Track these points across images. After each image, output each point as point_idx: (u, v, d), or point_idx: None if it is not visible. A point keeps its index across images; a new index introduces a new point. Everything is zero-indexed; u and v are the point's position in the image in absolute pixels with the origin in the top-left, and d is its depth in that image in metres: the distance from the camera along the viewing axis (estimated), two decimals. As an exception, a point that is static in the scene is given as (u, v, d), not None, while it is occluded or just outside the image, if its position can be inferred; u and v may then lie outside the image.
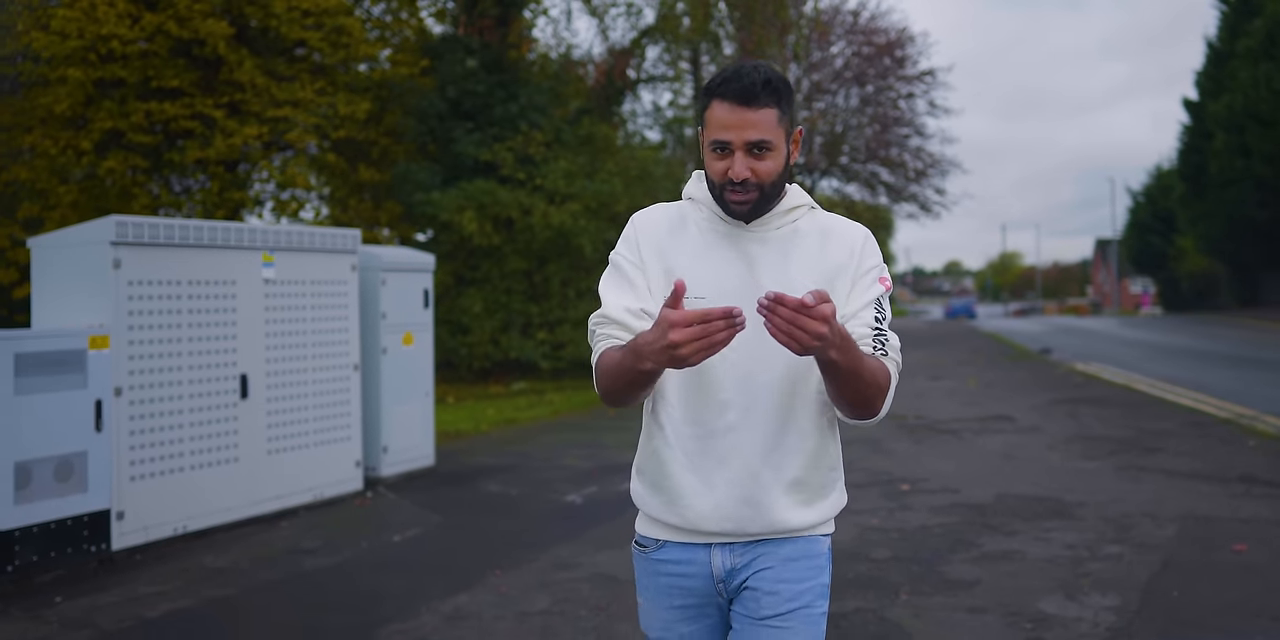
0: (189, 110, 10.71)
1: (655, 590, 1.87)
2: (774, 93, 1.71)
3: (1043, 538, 5.45)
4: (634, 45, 15.35)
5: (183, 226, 5.73)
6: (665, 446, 1.79)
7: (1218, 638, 3.88)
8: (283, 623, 4.34)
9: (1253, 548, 5.14)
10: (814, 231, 1.82)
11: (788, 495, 1.77)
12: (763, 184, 1.74)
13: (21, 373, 4.84)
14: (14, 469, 4.81)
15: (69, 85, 10.22)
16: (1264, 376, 14.12)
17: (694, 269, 1.78)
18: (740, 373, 1.75)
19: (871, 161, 26.90)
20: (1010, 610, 4.27)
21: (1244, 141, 31.89)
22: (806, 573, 1.80)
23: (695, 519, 1.77)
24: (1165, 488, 6.66)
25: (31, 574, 4.90)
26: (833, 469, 1.84)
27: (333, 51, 12.24)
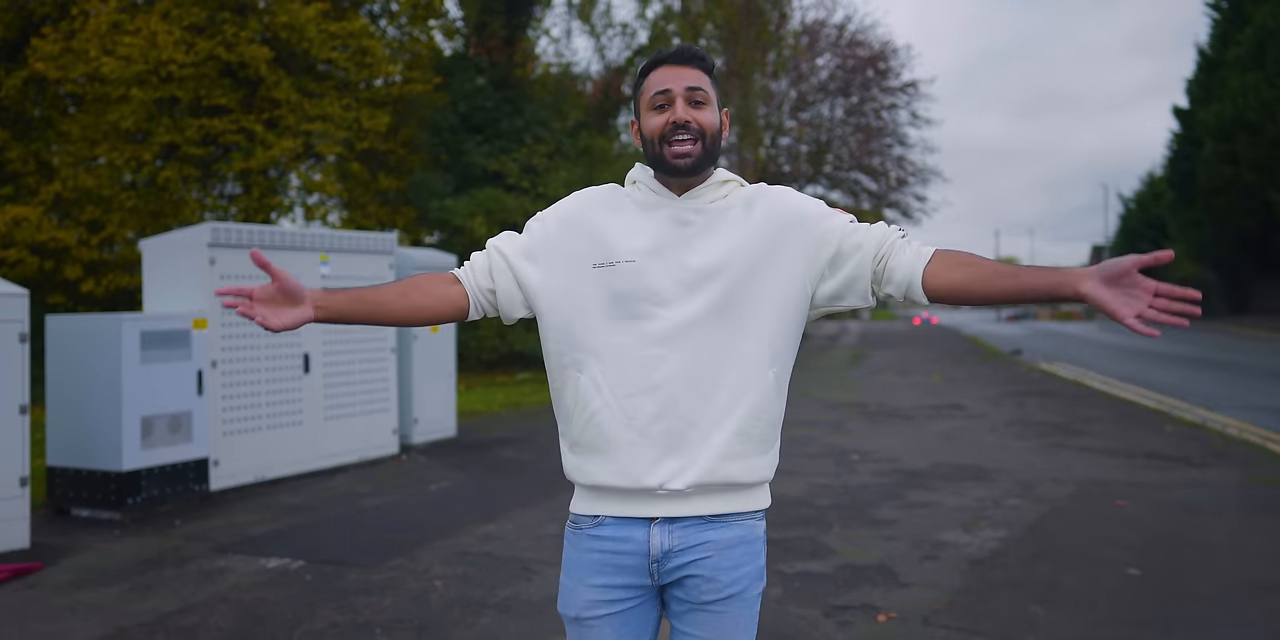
0: (235, 125, 12.02)
1: (585, 567, 1.84)
2: (701, 59, 1.83)
3: (959, 493, 6.77)
4: (628, 63, 16.71)
5: (261, 231, 7.05)
6: (605, 407, 1.78)
7: (1076, 559, 5.20)
8: (353, 540, 5.64)
9: (1133, 503, 6.43)
10: (743, 200, 1.86)
11: (729, 445, 1.76)
12: (704, 133, 1.78)
13: (145, 346, 6.15)
14: (140, 422, 6.11)
15: (133, 103, 11.54)
16: (1214, 376, 15.41)
17: (627, 235, 1.82)
18: (673, 324, 1.77)
19: (855, 170, 28.29)
20: (917, 539, 5.57)
21: (1233, 149, 32.42)
22: (745, 558, 1.82)
23: (638, 474, 1.76)
24: (1076, 460, 7.97)
25: (153, 505, 6.21)
26: (773, 426, 1.84)
27: (357, 70, 13.56)
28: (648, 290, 1.77)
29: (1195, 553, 5.15)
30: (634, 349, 1.77)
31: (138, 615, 4.40)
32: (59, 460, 6.29)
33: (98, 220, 12.50)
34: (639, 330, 1.77)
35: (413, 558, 5.23)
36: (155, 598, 4.65)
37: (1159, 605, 4.31)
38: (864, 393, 13.49)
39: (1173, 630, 3.99)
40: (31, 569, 5.10)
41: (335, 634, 4.10)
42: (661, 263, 1.78)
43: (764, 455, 1.82)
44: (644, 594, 1.83)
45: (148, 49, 11.25)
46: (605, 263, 1.80)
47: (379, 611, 4.37)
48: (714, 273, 1.77)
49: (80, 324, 6.25)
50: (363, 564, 5.10)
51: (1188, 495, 6.52)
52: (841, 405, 11.92)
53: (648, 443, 1.75)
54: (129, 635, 4.14)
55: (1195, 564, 4.94)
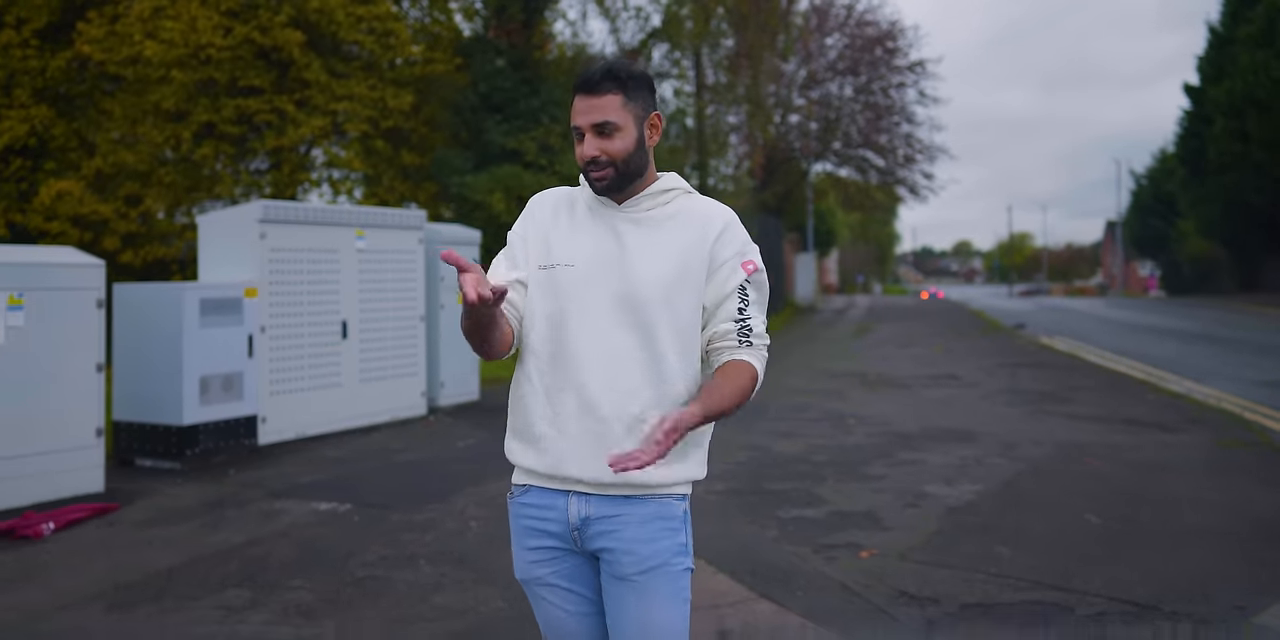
0: (268, 105, 12.50)
1: (519, 532, 1.97)
2: (615, 79, 1.84)
3: (945, 453, 7.27)
4: (642, 45, 17.05)
5: (306, 209, 7.56)
6: (531, 393, 1.91)
7: (1042, 508, 5.70)
8: (393, 488, 6.19)
9: (1104, 462, 6.90)
10: (680, 214, 1.93)
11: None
12: (614, 161, 1.85)
13: (203, 313, 6.69)
14: (199, 381, 6.67)
15: (173, 85, 12.02)
16: (1208, 350, 15.80)
17: (569, 240, 1.92)
18: (599, 334, 1.86)
19: (863, 147, 28.56)
20: (902, 491, 6.09)
21: (1242, 127, 32.28)
22: (661, 533, 1.88)
23: (554, 463, 1.88)
24: (1058, 424, 8.46)
25: (209, 456, 6.78)
26: (689, 443, 1.90)
27: (383, 52, 13.99)
28: (579, 296, 1.87)
29: (1152, 504, 5.65)
30: (561, 350, 1.87)
31: (209, 547, 4.96)
32: (124, 415, 6.85)
33: (135, 194, 13.04)
34: (568, 333, 1.87)
35: (448, 502, 5.78)
36: (223, 533, 5.21)
37: (1110, 546, 4.82)
38: (865, 363, 13.97)
39: (1117, 564, 4.50)
40: (110, 509, 5.67)
41: (386, 564, 4.66)
42: (595, 270, 1.88)
43: (678, 463, 1.88)
44: (575, 554, 1.93)
45: (188, 33, 11.72)
46: (548, 265, 1.92)
47: (422, 546, 4.92)
48: (639, 291, 1.85)
49: (145, 292, 6.79)
50: (404, 507, 5.65)
51: (1156, 456, 7.01)
52: (842, 375, 12.41)
53: (565, 439, 1.87)
54: (205, 563, 4.70)
55: (1150, 513, 5.44)
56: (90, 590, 4.34)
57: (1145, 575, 4.33)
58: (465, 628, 3.84)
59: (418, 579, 4.43)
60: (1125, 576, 4.31)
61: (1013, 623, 3.81)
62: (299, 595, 4.24)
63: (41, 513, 5.43)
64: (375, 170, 15.02)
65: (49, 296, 5.87)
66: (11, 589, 4.37)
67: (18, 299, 5.75)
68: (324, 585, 4.36)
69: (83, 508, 5.57)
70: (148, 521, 5.48)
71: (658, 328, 1.84)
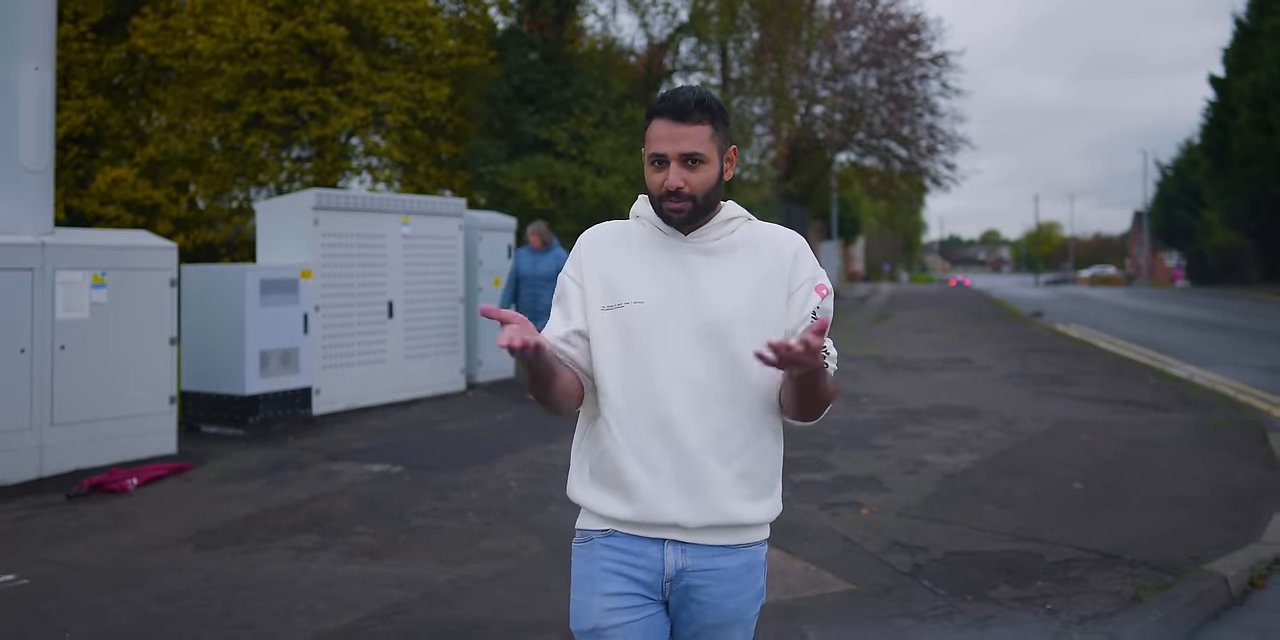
0: (312, 97, 13.06)
1: (598, 577, 1.85)
2: (707, 110, 1.80)
3: (948, 427, 7.71)
4: (670, 39, 17.42)
5: (356, 197, 8.09)
6: (613, 443, 1.82)
7: (1032, 476, 6.13)
8: (438, 453, 6.73)
9: (1097, 437, 7.34)
10: (749, 242, 1.88)
11: (735, 486, 1.81)
12: (695, 195, 1.81)
13: (263, 292, 7.24)
14: (259, 355, 7.23)
15: (224, 77, 12.60)
16: (1218, 337, 16.06)
17: (633, 276, 1.85)
18: (681, 368, 1.80)
19: (887, 138, 28.78)
20: (904, 459, 6.55)
21: (1266, 119, 32.19)
22: (749, 583, 1.86)
23: (645, 509, 1.80)
24: (1060, 404, 8.86)
25: (269, 424, 7.35)
26: (775, 472, 1.88)
27: (421, 45, 14.50)
28: (654, 333, 1.81)
29: (1136, 473, 6.08)
30: (642, 391, 1.81)
31: (278, 500, 5.52)
32: (191, 386, 7.43)
33: (185, 180, 13.65)
34: (647, 372, 1.80)
35: (490, 466, 6.31)
36: (288, 489, 5.77)
37: (1088, 508, 5.26)
38: (883, 347, 14.38)
39: (1092, 523, 4.94)
40: (185, 468, 6.25)
41: (437, 515, 5.19)
42: (668, 305, 1.82)
43: (767, 498, 1.86)
44: (658, 604, 1.86)
45: (238, 28, 12.28)
46: (614, 305, 1.85)
47: (468, 501, 5.45)
48: (719, 321, 1.81)
49: (210, 273, 7.36)
50: (450, 469, 6.19)
51: (1147, 433, 7.42)
52: (860, 358, 12.83)
53: (657, 483, 1.79)
54: (275, 514, 5.26)
55: (1132, 481, 5.87)
56: (178, 535, 4.90)
57: (1115, 532, 4.78)
58: (509, 568, 4.36)
59: (466, 528, 4.96)
60: (1097, 532, 4.76)
61: (988, 566, 4.28)
62: (361, 540, 4.78)
63: (125, 470, 6.01)
64: (412, 159, 15.55)
65: (127, 276, 6.43)
66: (108, 534, 4.94)
67: (101, 278, 6.32)
68: (383, 532, 4.90)
69: (161, 466, 6.15)
70: (220, 479, 6.05)
71: (743, 359, 1.78)
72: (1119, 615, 3.72)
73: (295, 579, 4.22)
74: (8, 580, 4.22)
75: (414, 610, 3.85)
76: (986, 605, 3.84)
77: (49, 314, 6.04)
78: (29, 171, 6.13)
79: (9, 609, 3.90)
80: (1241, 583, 4.19)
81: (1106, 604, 3.83)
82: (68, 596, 4.04)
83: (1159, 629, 3.65)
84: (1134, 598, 3.89)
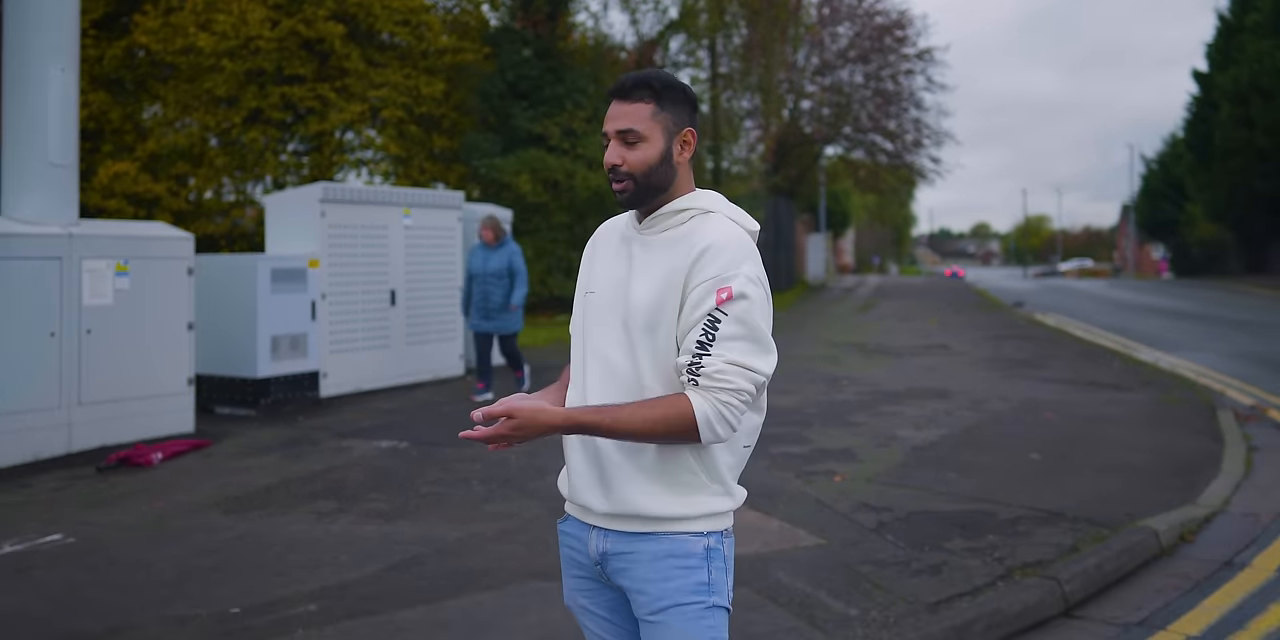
0: (311, 93, 13.44)
1: (564, 559, 1.96)
2: (648, 88, 1.79)
3: (921, 406, 8.17)
4: (660, 36, 17.86)
5: (360, 190, 8.50)
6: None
7: (993, 448, 6.58)
8: (441, 431, 7.15)
9: (1060, 416, 7.80)
10: (684, 236, 1.81)
11: (642, 479, 1.78)
12: (634, 173, 1.78)
13: (274, 281, 7.64)
14: (270, 340, 7.64)
15: (225, 73, 12.98)
16: (1189, 325, 16.58)
17: (597, 266, 1.92)
18: (601, 357, 1.83)
19: (873, 132, 29.27)
20: (877, 434, 7.00)
21: (1248, 113, 32.76)
22: (674, 572, 1.78)
23: (573, 493, 1.88)
24: (1028, 385, 9.32)
25: (279, 405, 7.76)
26: (697, 471, 1.80)
27: (416, 42, 14.88)
28: (594, 322, 1.87)
29: (1089, 446, 6.54)
30: (577, 378, 1.88)
31: (296, 471, 5.94)
32: (205, 369, 7.83)
33: (186, 174, 14.02)
34: (582, 361, 1.87)
35: (489, 441, 6.73)
36: (304, 462, 6.18)
37: (1042, 475, 5.73)
38: (865, 335, 14.85)
39: (1044, 487, 5.40)
40: (204, 444, 6.66)
41: (444, 484, 5.62)
42: (606, 295, 1.86)
43: (689, 495, 1.79)
44: (612, 589, 1.89)
45: (238, 26, 12.66)
46: (582, 292, 1.93)
47: (472, 472, 5.88)
48: (630, 315, 1.80)
49: (224, 262, 7.76)
50: (454, 445, 6.61)
51: (1104, 410, 7.89)
52: (842, 344, 13.30)
53: (581, 463, 1.85)
54: (294, 483, 5.68)
55: (1084, 453, 6.34)
56: (206, 501, 5.32)
57: (1063, 495, 5.24)
58: (512, 527, 4.80)
59: (470, 494, 5.39)
60: (1047, 495, 5.22)
61: (946, 523, 4.73)
62: (376, 505, 5.20)
63: (150, 445, 6.42)
64: (408, 153, 15.93)
65: (148, 264, 6.82)
66: (140, 500, 5.36)
67: (124, 266, 6.71)
68: (395, 498, 5.32)
69: (183, 443, 6.55)
70: (239, 454, 6.46)
71: (640, 354, 1.79)
72: (1057, 562, 4.17)
73: (319, 538, 4.64)
74: (55, 538, 4.64)
75: (429, 562, 4.27)
76: (941, 554, 4.28)
77: (76, 300, 6.42)
78: (55, 166, 6.51)
79: (60, 563, 4.31)
80: (1172, 537, 4.64)
81: (1047, 552, 4.28)
82: (113, 552, 4.45)
83: (1092, 573, 4.10)
84: (1072, 547, 4.35)
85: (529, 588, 3.94)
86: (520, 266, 8.16)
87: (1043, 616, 3.79)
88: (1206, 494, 5.40)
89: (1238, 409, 8.02)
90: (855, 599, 3.77)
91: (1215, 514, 5.07)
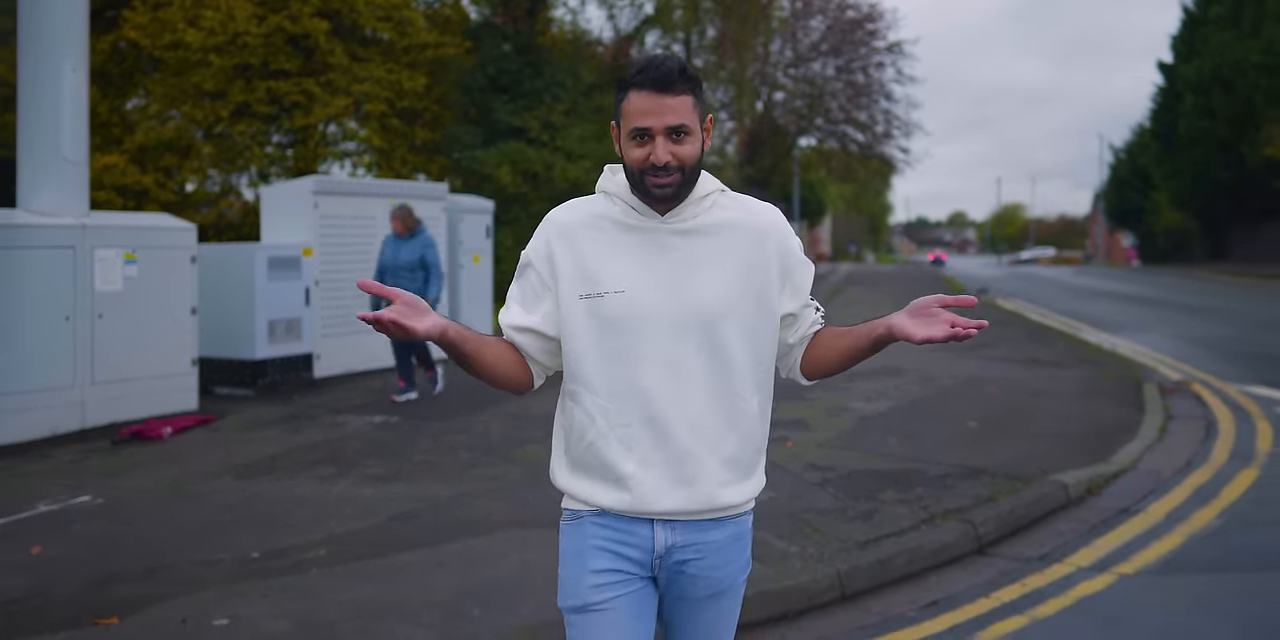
0: (296, 87, 13.83)
1: (588, 554, 1.83)
2: (689, 80, 1.74)
3: (873, 382, 8.74)
4: (636, 31, 18.34)
5: (350, 182, 8.97)
6: (600, 436, 1.80)
7: (935, 418, 7.17)
8: (429, 407, 7.66)
9: (1002, 391, 8.40)
10: (730, 222, 1.83)
11: (723, 472, 1.80)
12: (684, 167, 1.74)
13: (271, 268, 8.11)
14: (268, 324, 8.12)
15: (213, 68, 13.34)
16: (1139, 310, 17.31)
17: (612, 262, 1.79)
18: (666, 359, 1.77)
19: (845, 123, 29.90)
20: (830, 406, 7.57)
21: (1210, 104, 33.62)
22: (735, 552, 1.86)
23: (636, 501, 1.79)
24: (975, 364, 9.93)
25: (276, 386, 8.25)
26: (759, 450, 1.86)
27: (400, 38, 15.29)
28: (636, 323, 1.77)
29: (1023, 416, 7.15)
30: (626, 381, 1.78)
31: (298, 441, 6.45)
32: (206, 352, 8.29)
33: (172, 166, 14.39)
34: (631, 362, 1.77)
35: (474, 416, 7.26)
36: (304, 434, 6.69)
37: (975, 441, 6.32)
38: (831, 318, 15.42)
39: (974, 451, 6.00)
40: (209, 420, 7.15)
41: (434, 452, 6.14)
42: (649, 293, 1.77)
43: (752, 478, 1.86)
44: (645, 580, 1.85)
45: (226, 21, 13.03)
46: (593, 293, 1.79)
47: (459, 442, 6.41)
48: (705, 310, 1.78)
49: (224, 251, 8.23)
50: (441, 419, 7.13)
51: (1043, 385, 8.51)
52: (809, 329, 13.88)
53: (647, 473, 1.78)
54: (297, 452, 6.19)
55: (1017, 421, 6.95)
56: (216, 468, 5.82)
57: (990, 456, 5.83)
58: (497, 487, 5.33)
59: (458, 461, 5.92)
60: (975, 456, 5.82)
61: (882, 479, 5.31)
62: (373, 470, 5.72)
63: (159, 420, 6.90)
64: (390, 145, 16.34)
65: (154, 253, 7.28)
66: (157, 468, 5.85)
67: (132, 255, 7.17)
68: (390, 464, 5.84)
69: (190, 418, 7.04)
70: (242, 428, 6.96)
71: (729, 345, 1.79)
72: (975, 509, 4.75)
73: (323, 496, 5.16)
74: (86, 500, 5.13)
75: (424, 515, 4.81)
76: (874, 503, 4.86)
77: (89, 286, 6.88)
78: (69, 161, 6.95)
79: (95, 519, 4.81)
80: (1080, 489, 5.25)
81: (967, 502, 4.87)
82: (141, 510, 4.96)
83: (1005, 517, 4.69)
84: (989, 498, 4.94)
85: (513, 534, 4.48)
86: (434, 259, 7.84)
87: (958, 553, 4.38)
88: (1120, 454, 6.01)
89: (1164, 383, 8.66)
90: (796, 539, 4.34)
91: (1123, 471, 5.68)
